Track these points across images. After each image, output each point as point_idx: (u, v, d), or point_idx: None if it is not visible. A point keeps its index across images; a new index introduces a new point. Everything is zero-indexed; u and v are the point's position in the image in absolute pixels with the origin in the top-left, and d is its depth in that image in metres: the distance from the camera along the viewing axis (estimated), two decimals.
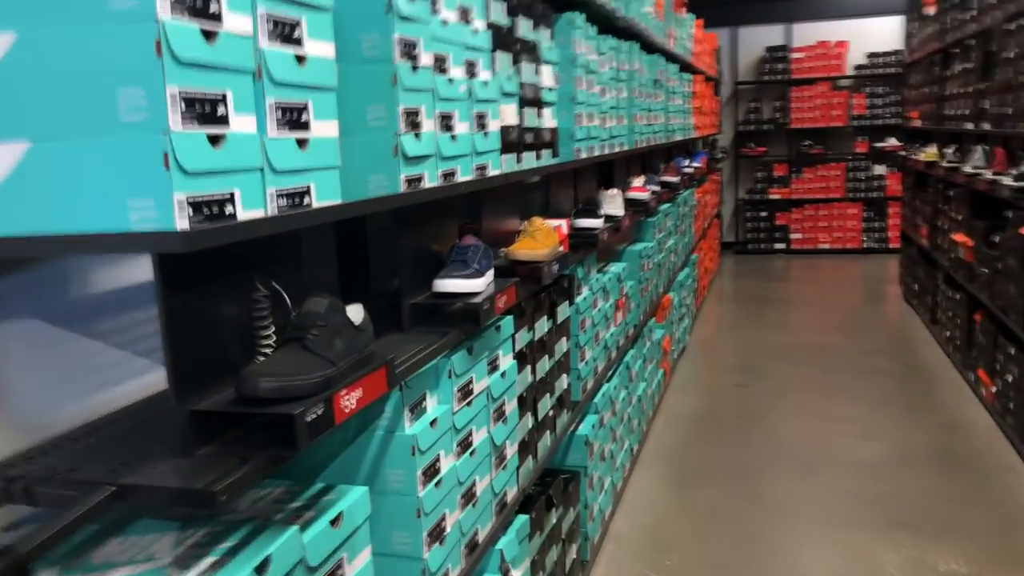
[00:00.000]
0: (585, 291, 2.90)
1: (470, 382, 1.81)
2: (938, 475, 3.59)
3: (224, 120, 1.04)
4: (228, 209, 1.05)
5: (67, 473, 1.09)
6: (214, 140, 1.03)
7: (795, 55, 9.38)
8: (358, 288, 1.86)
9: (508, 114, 2.08)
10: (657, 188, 4.31)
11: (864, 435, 4.05)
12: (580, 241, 2.81)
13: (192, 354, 1.14)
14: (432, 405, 1.69)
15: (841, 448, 3.90)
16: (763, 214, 9.56)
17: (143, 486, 1.03)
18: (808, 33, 9.44)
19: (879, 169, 9.21)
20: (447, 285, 1.77)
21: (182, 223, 0.97)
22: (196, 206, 0.99)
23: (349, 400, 1.21)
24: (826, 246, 9.42)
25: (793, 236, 9.50)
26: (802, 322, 6.44)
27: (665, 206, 4.68)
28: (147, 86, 0.95)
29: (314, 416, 1.12)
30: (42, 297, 1.29)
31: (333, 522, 1.28)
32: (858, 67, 9.36)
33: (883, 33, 9.26)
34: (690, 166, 5.92)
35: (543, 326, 2.40)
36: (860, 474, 3.62)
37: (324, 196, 1.26)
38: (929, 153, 5.94)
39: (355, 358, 1.25)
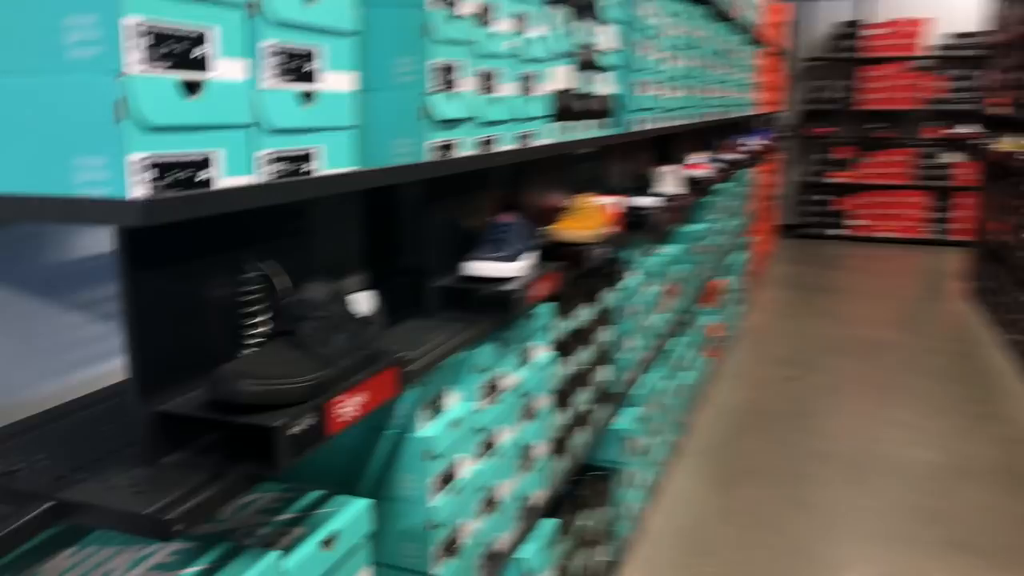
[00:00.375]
0: (633, 275, 2.67)
1: (497, 377, 1.62)
2: (1003, 493, 3.32)
3: (201, 64, 0.84)
4: (203, 175, 0.85)
5: (3, 477, 0.91)
6: (190, 88, 0.83)
7: (867, 32, 8.91)
8: (386, 267, 1.66)
9: (561, 77, 1.85)
10: (717, 166, 4.05)
11: (921, 442, 3.78)
12: (632, 221, 2.58)
13: (160, 344, 0.95)
14: (452, 403, 1.50)
15: (895, 454, 3.64)
16: (823, 198, 9.18)
17: (86, 505, 0.85)
18: (881, 9, 8.96)
19: (948, 157, 8.74)
20: (477, 268, 1.57)
21: (139, 190, 0.77)
22: (161, 169, 0.80)
23: (347, 407, 1.02)
24: (886, 234, 9.01)
25: (853, 222, 9.11)
26: (858, 314, 6.13)
27: (723, 185, 4.41)
28: (102, 13, 0.75)
29: (301, 428, 0.93)
30: (3, 259, 1.12)
31: (325, 543, 1.10)
32: (934, 47, 8.86)
33: (963, 12, 8.74)
34: (751, 144, 5.62)
35: (585, 314, 2.19)
36: (915, 485, 3.36)
37: (333, 162, 1.06)
38: (1011, 143, 5.55)
39: (359, 356, 1.06)
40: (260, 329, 1.05)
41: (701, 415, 4.07)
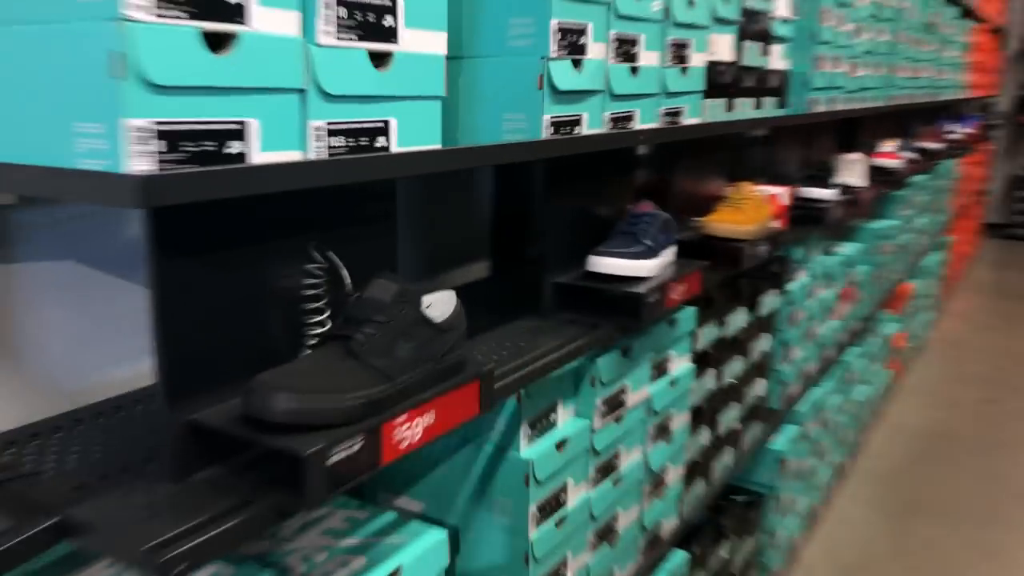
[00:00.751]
0: (802, 276, 2.37)
1: (622, 392, 1.41)
2: None
3: (239, 13, 0.69)
4: (233, 147, 0.70)
5: (24, 479, 0.82)
6: (215, 42, 0.68)
7: None
8: (500, 259, 1.49)
9: (720, 46, 1.60)
10: (912, 155, 3.59)
11: None
12: (804, 214, 2.28)
13: (195, 343, 0.82)
14: (564, 420, 1.31)
15: None
16: None
17: (90, 526, 0.73)
18: None
19: None
20: (604, 264, 1.36)
21: (140, 163, 0.63)
22: (173, 138, 0.65)
23: (411, 430, 0.86)
24: None
25: None
26: None
27: (919, 178, 3.93)
28: None
29: (344, 455, 0.78)
30: (82, 234, 1.03)
31: None
32: None
33: None
34: (957, 132, 5.01)
35: (739, 320, 1.93)
36: None
37: (411, 139, 0.89)
38: None
39: (430, 368, 0.89)
40: (318, 331, 0.90)
41: (875, 436, 3.65)
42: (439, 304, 0.94)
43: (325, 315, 0.92)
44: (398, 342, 0.85)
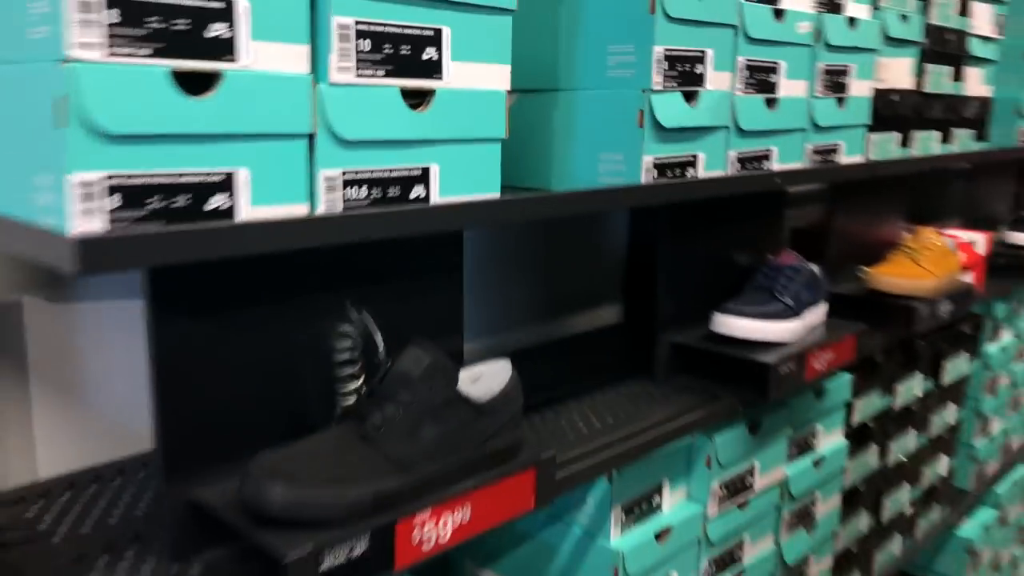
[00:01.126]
0: (1006, 337, 2.02)
1: (748, 473, 1.21)
2: None
3: (225, 50, 0.60)
4: (215, 202, 0.61)
5: (35, 543, 0.77)
6: (199, 82, 0.59)
7: None
8: (632, 307, 1.33)
9: (894, 72, 1.37)
10: None
11: None
12: (1009, 264, 1.95)
13: (203, 413, 0.74)
14: (671, 504, 1.13)
15: None
16: None
17: None
18: None
19: None
20: (731, 324, 1.17)
21: (88, 221, 0.55)
22: (133, 193, 0.57)
23: (435, 529, 0.73)
24: None
25: None
26: None
27: None
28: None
29: (342, 559, 0.66)
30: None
31: None
32: None
33: None
34: None
35: (913, 387, 1.65)
36: None
37: (459, 187, 0.77)
38: None
39: (466, 456, 0.76)
40: (343, 403, 0.80)
41: None
42: (490, 377, 0.81)
43: (359, 384, 0.81)
44: (423, 425, 0.73)
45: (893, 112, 1.38)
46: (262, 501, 0.67)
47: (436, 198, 0.75)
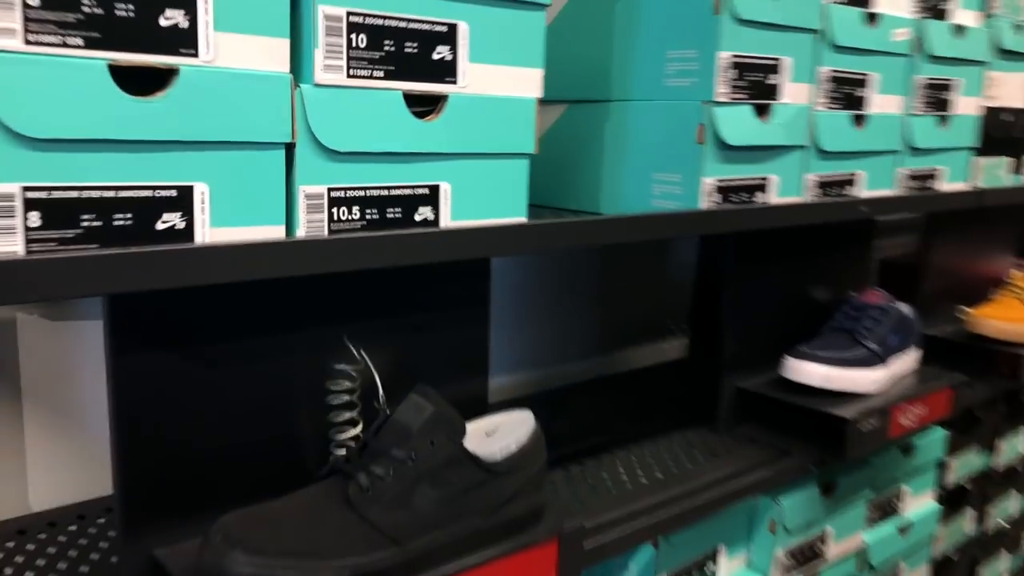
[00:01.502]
0: None
1: (820, 539, 1.06)
2: None
3: (184, 41, 0.50)
4: (168, 220, 0.52)
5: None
6: (152, 80, 0.50)
7: None
8: (697, 343, 1.19)
9: (1007, 88, 1.20)
10: None
11: None
12: None
13: (170, 461, 0.64)
14: (728, 573, 0.99)
15: None
16: None
17: None
18: None
19: None
20: (803, 370, 1.03)
21: (4, 242, 0.46)
22: (58, 209, 0.48)
23: None
24: None
25: None
26: None
27: None
28: None
29: None
30: None
31: None
32: None
33: None
34: None
35: (1018, 446, 1.46)
36: None
37: (478, 209, 0.66)
38: None
39: (472, 526, 0.64)
40: (336, 455, 0.69)
41: None
42: (509, 430, 0.69)
43: (356, 433, 0.71)
44: (420, 487, 0.62)
45: (1005, 134, 1.21)
46: (222, 572, 0.57)
47: (447, 221, 0.64)
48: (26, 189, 0.47)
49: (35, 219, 0.47)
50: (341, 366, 0.69)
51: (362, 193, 0.59)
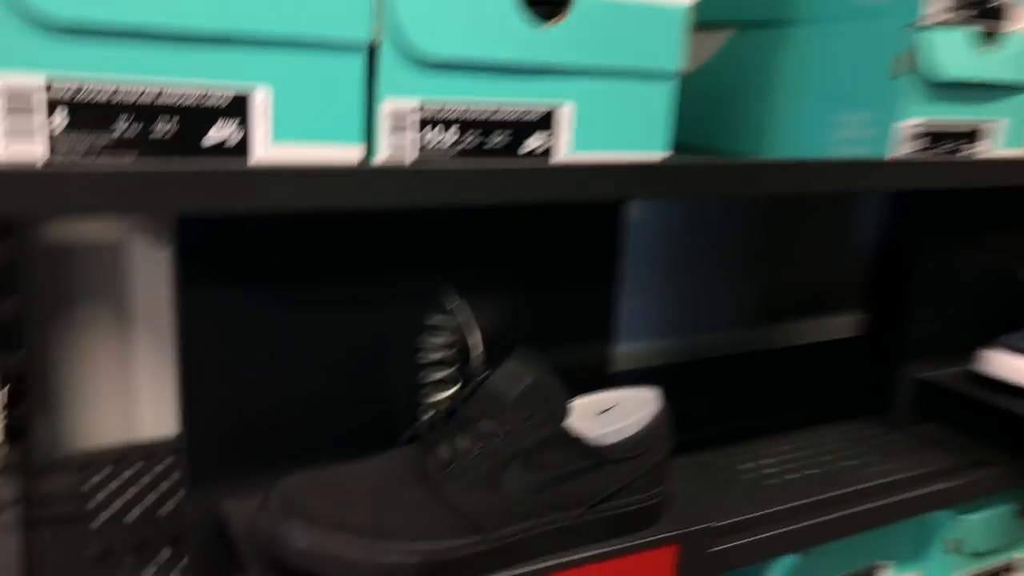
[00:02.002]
0: None
1: (1005, 568, 0.88)
2: None
3: None
4: (218, 132, 0.43)
5: (63, 517, 0.65)
6: None
7: None
8: (874, 322, 1.02)
9: None
10: None
11: None
12: None
13: (237, 413, 0.57)
14: None
15: None
16: None
17: None
18: None
19: None
20: (1009, 365, 0.84)
21: (20, 143, 0.39)
22: (89, 110, 0.40)
23: None
24: None
25: None
26: None
27: None
28: None
29: None
30: None
31: None
32: None
33: None
34: None
35: None
36: None
37: (596, 139, 0.54)
38: None
39: (572, 517, 0.54)
40: (422, 417, 0.60)
41: None
42: (628, 409, 0.58)
43: (450, 394, 0.61)
44: (510, 469, 0.52)
45: None
46: (276, 542, 0.50)
47: (565, 153, 0.53)
48: (48, 87, 0.39)
49: (60, 119, 0.40)
50: (438, 318, 0.59)
51: (462, 112, 0.49)
